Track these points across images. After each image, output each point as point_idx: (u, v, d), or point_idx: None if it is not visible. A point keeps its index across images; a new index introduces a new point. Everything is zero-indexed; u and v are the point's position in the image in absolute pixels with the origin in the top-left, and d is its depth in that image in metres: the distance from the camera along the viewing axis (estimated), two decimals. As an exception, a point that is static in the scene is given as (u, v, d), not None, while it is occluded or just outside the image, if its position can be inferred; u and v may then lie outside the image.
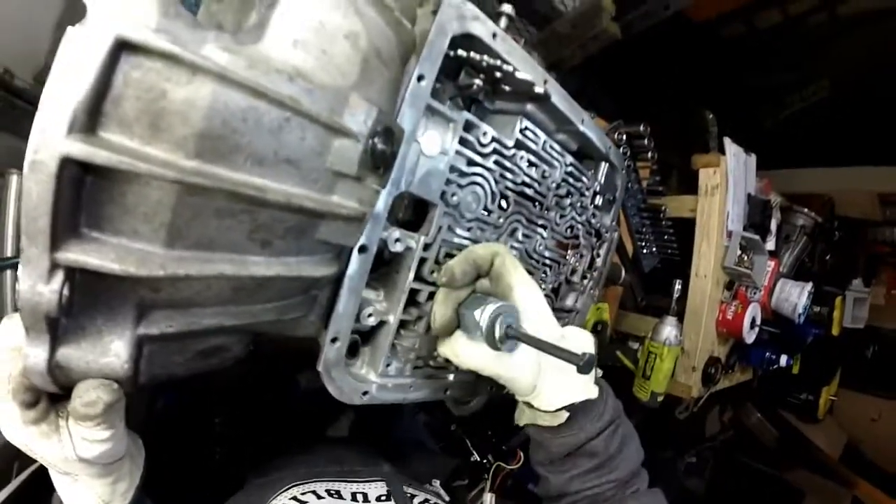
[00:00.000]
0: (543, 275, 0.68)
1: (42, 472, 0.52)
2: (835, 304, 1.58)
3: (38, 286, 0.28)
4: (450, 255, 0.53)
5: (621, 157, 0.79)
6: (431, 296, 0.53)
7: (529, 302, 0.51)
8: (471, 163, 0.53)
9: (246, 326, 0.42)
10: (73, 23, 0.26)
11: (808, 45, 2.12)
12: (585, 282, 0.79)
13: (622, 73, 1.63)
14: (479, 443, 0.94)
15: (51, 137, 0.26)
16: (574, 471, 0.55)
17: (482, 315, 0.48)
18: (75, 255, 0.28)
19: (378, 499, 0.58)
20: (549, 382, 0.53)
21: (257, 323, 0.42)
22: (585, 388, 0.54)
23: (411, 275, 0.50)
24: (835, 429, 2.39)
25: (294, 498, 0.54)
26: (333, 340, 0.47)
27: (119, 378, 0.35)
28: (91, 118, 0.27)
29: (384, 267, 0.53)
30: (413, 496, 0.60)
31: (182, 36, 0.27)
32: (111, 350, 0.34)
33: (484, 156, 0.54)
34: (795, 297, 1.40)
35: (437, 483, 0.74)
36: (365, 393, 0.51)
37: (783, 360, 1.47)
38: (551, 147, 0.62)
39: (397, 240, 0.49)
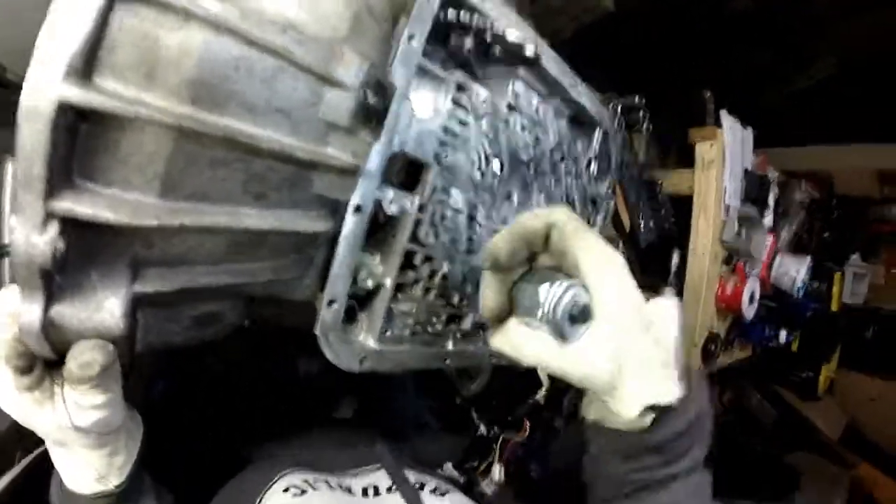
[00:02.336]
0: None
1: (44, 458, 0.52)
2: (833, 280, 1.59)
3: (33, 237, 0.28)
4: (444, 218, 0.53)
5: (616, 125, 0.78)
6: (427, 258, 0.53)
7: (607, 279, 0.39)
8: (464, 123, 0.53)
9: (242, 286, 0.43)
10: None
11: (814, 22, 2.10)
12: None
13: (621, 48, 1.62)
14: (484, 415, 0.94)
15: (46, 83, 0.26)
16: (634, 464, 0.48)
17: (547, 297, 0.38)
18: (70, 203, 0.28)
19: (388, 490, 0.57)
20: (631, 380, 0.41)
21: (253, 283, 0.43)
22: (672, 385, 0.42)
23: (406, 236, 0.50)
24: (834, 409, 2.40)
25: (305, 480, 0.55)
26: (330, 303, 0.47)
27: (113, 336, 0.35)
28: (87, 65, 0.27)
29: (380, 231, 0.53)
30: (423, 484, 0.59)
31: (176, -16, 0.27)
32: (105, 307, 0.34)
33: (477, 117, 0.54)
34: (794, 271, 1.40)
35: (448, 465, 0.74)
36: (363, 360, 0.51)
37: (782, 335, 1.48)
38: (545, 111, 0.62)
39: (392, 200, 0.49)
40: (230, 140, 0.32)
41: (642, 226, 1.31)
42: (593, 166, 0.75)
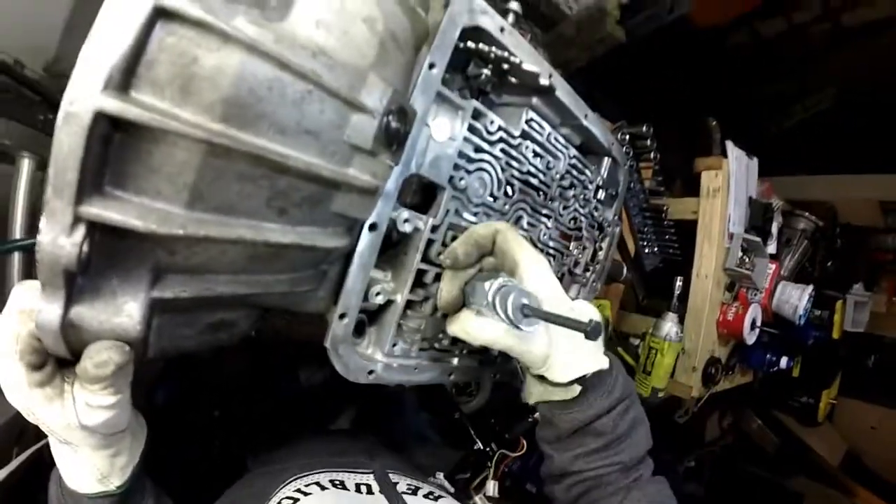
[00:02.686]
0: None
1: (41, 454, 0.53)
2: (835, 308, 1.59)
3: (60, 239, 0.29)
4: (455, 238, 0.55)
5: (624, 153, 0.80)
6: (438, 277, 0.54)
7: (536, 274, 0.52)
8: (478, 149, 0.55)
9: (258, 296, 0.44)
10: (84, 15, 0.28)
11: (811, 54, 2.14)
12: (588, 274, 0.80)
13: (627, 79, 1.65)
14: (482, 431, 0.95)
15: (86, 92, 0.27)
16: (579, 449, 0.56)
17: (489, 290, 0.49)
18: (98, 209, 0.29)
19: (381, 490, 0.58)
20: (561, 354, 0.53)
21: (269, 294, 0.44)
22: (596, 358, 0.55)
23: (419, 255, 0.52)
24: (835, 437, 2.39)
25: (298, 490, 0.55)
26: (342, 317, 0.49)
27: (130, 340, 0.36)
28: (125, 78, 0.28)
29: (392, 249, 0.55)
30: (417, 488, 0.60)
31: (215, 6, 0.29)
32: (124, 311, 0.35)
33: (491, 143, 0.56)
34: (796, 299, 1.41)
35: (440, 475, 0.75)
36: (371, 372, 0.53)
37: (783, 362, 1.48)
38: (556, 139, 0.64)
39: (406, 220, 0.50)
40: (259, 157, 0.33)
41: (647, 250, 1.32)
42: (601, 193, 0.77)
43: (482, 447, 0.90)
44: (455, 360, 0.62)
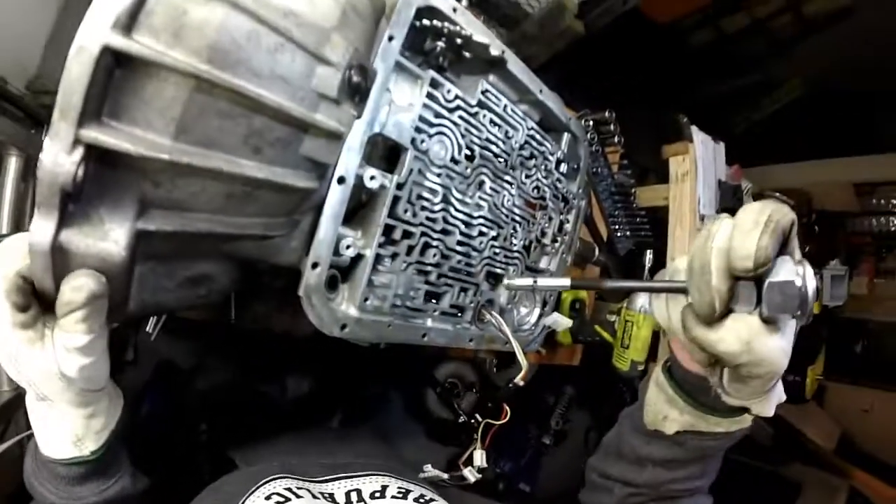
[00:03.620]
0: (513, 230, 0.73)
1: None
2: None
3: (60, 156, 0.33)
4: (421, 197, 0.59)
5: (583, 128, 0.85)
6: (406, 234, 0.59)
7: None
8: (438, 115, 0.60)
9: (235, 240, 0.48)
10: (66, 32, 0.34)
11: (777, 47, 2.22)
12: (557, 245, 0.84)
13: (594, 78, 1.72)
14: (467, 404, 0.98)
15: (97, 30, 0.33)
16: (684, 472, 0.53)
17: (803, 284, 0.37)
18: (96, 133, 0.34)
19: (372, 496, 0.57)
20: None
21: (245, 236, 0.48)
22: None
23: (386, 210, 0.56)
24: (828, 422, 2.40)
25: (289, 489, 0.54)
26: (314, 266, 0.52)
27: (114, 266, 0.39)
28: (129, 22, 0.34)
29: (362, 210, 0.59)
30: (408, 492, 0.59)
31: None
32: (110, 237, 0.38)
33: (449, 110, 0.61)
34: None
35: (428, 466, 0.74)
36: (343, 326, 0.56)
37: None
38: (513, 111, 0.69)
39: (373, 177, 0.55)
40: (237, 96, 0.39)
41: (619, 234, 1.37)
42: (563, 167, 0.82)
43: (466, 419, 0.93)
44: (429, 322, 0.66)
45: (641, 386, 0.57)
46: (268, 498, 0.52)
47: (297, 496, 0.53)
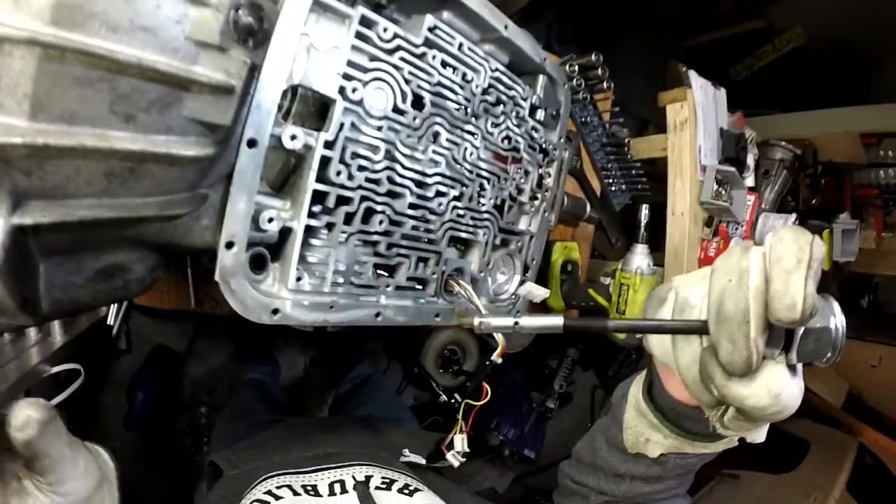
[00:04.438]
0: (480, 189, 0.64)
1: None
2: (822, 238, 1.54)
3: None
4: (358, 156, 0.50)
5: (561, 70, 0.75)
6: (341, 200, 0.49)
7: None
8: (373, 58, 0.50)
9: (130, 224, 0.41)
10: None
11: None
12: (537, 203, 0.75)
13: (586, 24, 1.59)
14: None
15: None
16: (661, 485, 0.49)
17: (836, 334, 0.35)
18: None
19: (355, 487, 0.55)
20: None
21: (139, 218, 0.40)
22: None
23: (313, 174, 0.47)
24: (835, 378, 2.35)
25: (269, 492, 0.52)
26: (229, 245, 0.44)
27: None
28: None
29: (292, 176, 0.50)
30: (392, 481, 0.57)
31: None
32: None
33: (388, 52, 0.51)
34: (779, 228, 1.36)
35: (406, 451, 0.71)
36: (276, 311, 0.48)
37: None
38: (470, 50, 0.58)
39: (293, 137, 0.46)
40: (91, 56, 0.32)
41: (614, 188, 1.27)
42: (540, 114, 0.71)
43: (446, 399, 0.86)
44: (383, 299, 0.57)
45: (617, 402, 0.51)
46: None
47: (279, 497, 0.52)
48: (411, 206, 0.55)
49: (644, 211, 1.01)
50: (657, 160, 1.39)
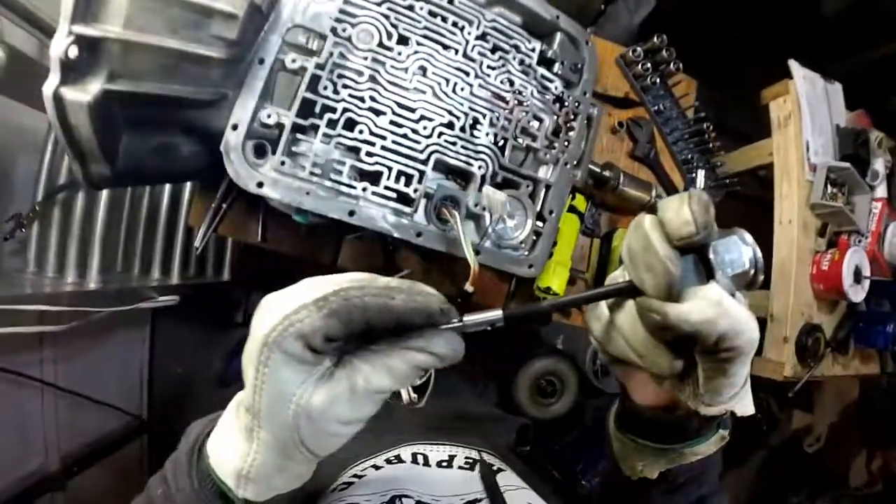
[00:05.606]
0: (474, 122, 0.71)
1: None
2: None
3: (60, 41, 0.50)
4: (343, 77, 0.63)
5: (581, 30, 0.80)
6: (325, 108, 0.63)
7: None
8: (363, 7, 0.65)
9: (176, 103, 0.60)
10: None
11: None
12: (554, 152, 0.79)
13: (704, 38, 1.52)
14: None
15: None
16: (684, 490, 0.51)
17: (748, 256, 0.39)
18: (82, 29, 0.52)
19: (461, 467, 0.56)
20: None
21: (179, 98, 0.59)
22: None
23: (304, 85, 0.62)
24: None
25: (387, 460, 0.57)
26: (234, 127, 0.61)
27: (86, 108, 0.53)
28: None
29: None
30: (500, 469, 0.57)
31: None
32: (88, 90, 0.53)
33: (376, 4, 0.65)
34: (914, 239, 1.12)
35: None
36: (260, 184, 0.62)
37: (913, 334, 1.16)
38: (462, 3, 0.69)
39: (294, 59, 0.62)
40: None
41: (700, 185, 1.20)
42: (557, 67, 0.77)
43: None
44: (361, 203, 0.67)
45: (608, 441, 0.54)
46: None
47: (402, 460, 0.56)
48: (393, 123, 0.66)
49: (700, 176, 0.94)
50: (765, 167, 1.28)
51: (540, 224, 0.80)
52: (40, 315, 1.04)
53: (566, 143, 0.80)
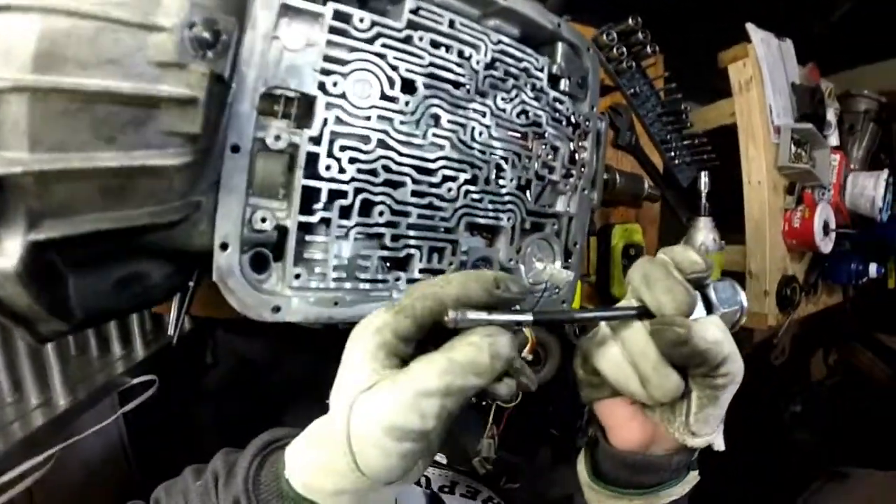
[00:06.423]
0: (498, 170, 0.60)
1: None
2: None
3: None
4: (348, 148, 0.49)
5: (580, 36, 0.69)
6: (333, 194, 0.49)
7: None
8: (353, 50, 0.49)
9: (133, 233, 0.44)
10: None
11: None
12: (572, 180, 0.70)
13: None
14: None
15: None
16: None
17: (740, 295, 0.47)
18: None
19: (441, 489, 0.57)
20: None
21: (139, 227, 0.43)
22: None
23: (301, 171, 0.47)
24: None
25: None
26: (223, 247, 0.45)
27: (10, 277, 0.38)
28: None
29: (289, 176, 0.50)
30: (454, 483, 0.59)
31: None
32: (5, 252, 0.38)
33: (368, 41, 0.50)
34: (871, 188, 1.18)
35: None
36: (277, 309, 0.48)
37: (872, 269, 1.25)
38: (464, 26, 0.56)
39: (277, 136, 0.46)
40: (68, 92, 0.36)
41: (678, 162, 1.17)
42: (563, 84, 0.67)
43: (475, 400, 0.82)
44: (395, 294, 0.56)
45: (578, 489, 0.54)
46: None
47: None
48: (415, 193, 0.53)
49: (704, 179, 0.91)
50: (727, 127, 1.27)
51: (568, 262, 0.72)
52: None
53: (582, 168, 0.71)
